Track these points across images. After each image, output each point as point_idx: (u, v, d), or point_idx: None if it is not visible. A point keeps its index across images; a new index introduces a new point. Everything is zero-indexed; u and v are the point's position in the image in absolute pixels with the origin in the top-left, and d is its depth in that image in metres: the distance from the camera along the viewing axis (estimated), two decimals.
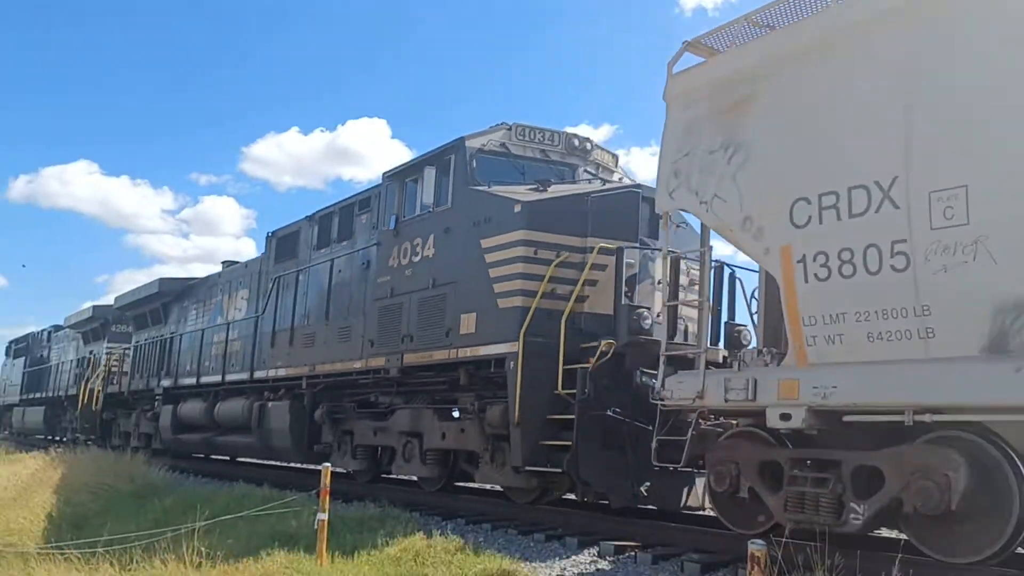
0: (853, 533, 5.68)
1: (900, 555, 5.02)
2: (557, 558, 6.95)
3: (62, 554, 7.09)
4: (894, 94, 5.36)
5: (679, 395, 6.58)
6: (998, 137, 4.87)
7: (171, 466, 15.65)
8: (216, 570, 6.52)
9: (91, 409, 22.36)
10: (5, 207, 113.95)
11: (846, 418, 5.59)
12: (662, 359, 6.82)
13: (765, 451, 6.31)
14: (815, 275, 5.60)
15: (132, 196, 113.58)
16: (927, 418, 5.13)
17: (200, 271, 49.10)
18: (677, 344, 7.37)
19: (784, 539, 5.35)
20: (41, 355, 31.81)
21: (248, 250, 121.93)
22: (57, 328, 30.41)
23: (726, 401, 6.17)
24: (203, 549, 6.78)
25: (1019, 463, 5.01)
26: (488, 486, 10.33)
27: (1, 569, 7.14)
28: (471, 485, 10.46)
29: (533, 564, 6.67)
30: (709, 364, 6.76)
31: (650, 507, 8.18)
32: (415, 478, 10.69)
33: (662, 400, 6.72)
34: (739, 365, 6.33)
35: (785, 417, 5.74)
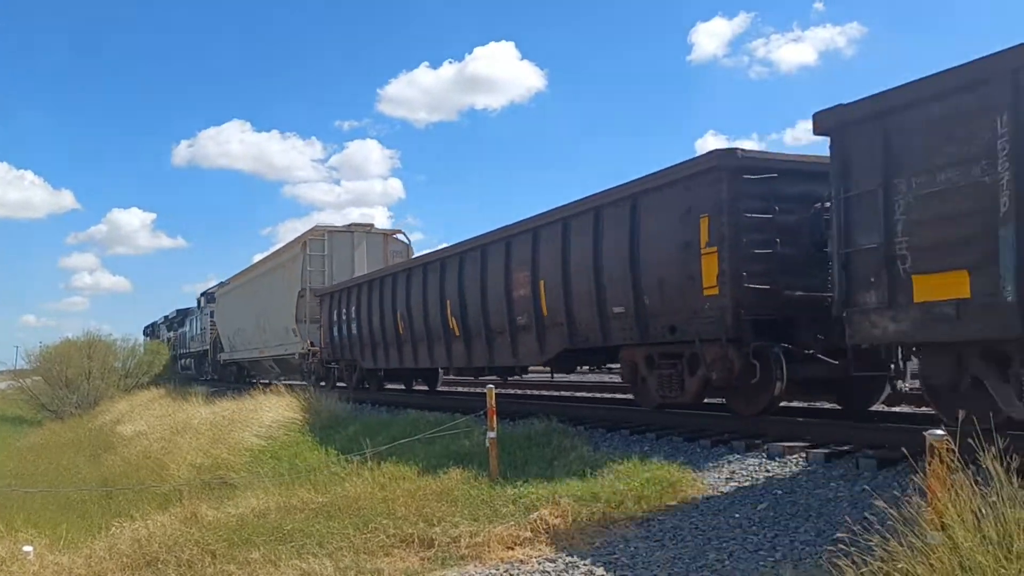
0: None
1: None
2: (725, 463, 6.81)
3: (264, 482, 7.45)
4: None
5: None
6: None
7: (352, 399, 16.98)
8: (401, 488, 6.72)
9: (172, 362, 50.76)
10: (172, 173, 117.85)
11: None
12: None
13: None
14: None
15: (283, 149, 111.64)
16: None
17: (355, 215, 67.87)
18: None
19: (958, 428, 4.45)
20: (158, 335, 60.39)
21: (397, 191, 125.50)
22: (159, 321, 58.70)
23: None
24: (388, 468, 7.33)
25: None
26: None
27: (218, 497, 7.48)
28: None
29: (701, 471, 6.57)
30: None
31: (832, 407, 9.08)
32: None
33: None
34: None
35: None
